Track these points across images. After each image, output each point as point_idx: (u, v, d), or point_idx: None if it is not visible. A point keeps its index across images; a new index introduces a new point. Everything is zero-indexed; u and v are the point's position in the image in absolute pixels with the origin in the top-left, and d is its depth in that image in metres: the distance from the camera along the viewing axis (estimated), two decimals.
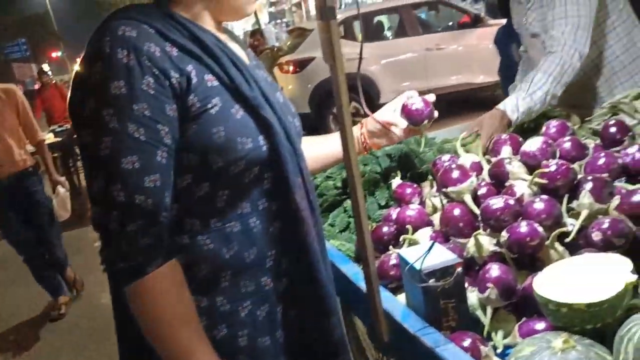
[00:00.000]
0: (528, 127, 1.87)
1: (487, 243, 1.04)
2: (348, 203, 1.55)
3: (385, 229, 1.24)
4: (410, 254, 1.00)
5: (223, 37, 1.03)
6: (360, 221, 0.93)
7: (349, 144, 0.90)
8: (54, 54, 43.45)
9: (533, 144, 1.15)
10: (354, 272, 1.19)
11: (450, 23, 7.68)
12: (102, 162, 0.86)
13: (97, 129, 0.87)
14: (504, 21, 7.03)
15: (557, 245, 1.01)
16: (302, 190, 1.00)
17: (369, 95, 6.95)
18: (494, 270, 0.97)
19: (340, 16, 7.49)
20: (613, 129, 1.25)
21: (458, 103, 7.18)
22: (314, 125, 6.60)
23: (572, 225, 1.04)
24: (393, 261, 1.12)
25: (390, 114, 1.35)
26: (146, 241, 0.86)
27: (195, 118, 0.90)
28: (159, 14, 0.94)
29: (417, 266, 0.94)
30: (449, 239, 1.14)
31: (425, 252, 0.95)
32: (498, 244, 1.04)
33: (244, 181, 0.95)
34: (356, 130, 1.35)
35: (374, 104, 7.00)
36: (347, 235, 1.47)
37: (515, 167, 1.15)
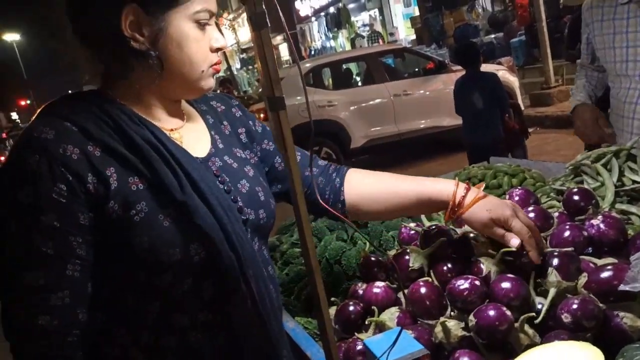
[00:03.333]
0: (492, 185, 1.87)
1: (455, 328, 0.99)
2: None
3: (351, 307, 1.18)
4: (376, 343, 0.94)
5: (174, 123, 0.97)
6: (321, 310, 0.88)
7: (303, 222, 0.85)
8: (22, 102, 43.01)
9: None
10: (319, 356, 1.13)
11: (416, 69, 7.88)
12: (5, 277, 0.81)
13: (2, 240, 0.81)
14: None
15: (526, 328, 0.97)
16: (248, 301, 0.93)
17: (340, 141, 7.01)
18: (464, 359, 0.93)
19: (309, 64, 7.63)
20: (576, 197, 1.24)
21: (426, 146, 7.30)
22: None
23: (540, 304, 1.01)
24: (359, 347, 1.06)
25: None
26: None
27: (116, 226, 0.83)
28: (90, 107, 0.88)
29: (380, 357, 0.88)
30: (416, 320, 1.09)
31: (390, 345, 0.89)
32: (466, 327, 1.00)
33: (177, 293, 0.88)
34: (452, 186, 1.08)
35: (346, 150, 7.06)
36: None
37: (481, 242, 1.12)
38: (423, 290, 1.09)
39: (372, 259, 1.28)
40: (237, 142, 1.07)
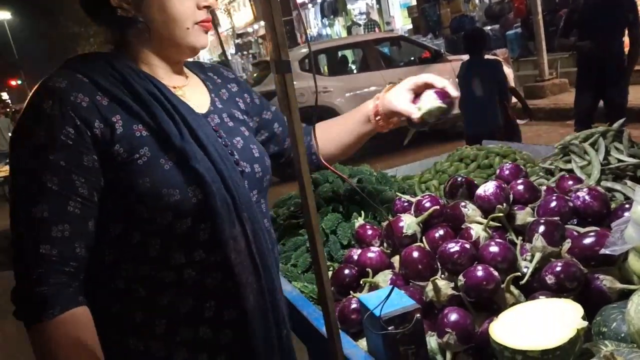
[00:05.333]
0: (484, 165, 1.93)
1: (445, 287, 1.05)
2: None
3: (346, 271, 1.23)
4: (370, 299, 1.00)
5: (177, 81, 1.04)
6: (319, 268, 0.93)
7: (307, 195, 0.90)
8: (13, 82, 42.46)
9: (487, 188, 1.18)
10: (315, 316, 1.19)
11: (412, 58, 7.90)
12: (17, 208, 0.90)
13: (16, 175, 0.90)
14: (464, 57, 7.36)
15: (512, 288, 1.03)
16: (242, 242, 0.98)
17: None
18: (452, 315, 0.98)
19: (303, 50, 7.63)
20: (570, 182, 1.30)
21: (420, 133, 7.33)
22: None
23: (526, 268, 1.07)
24: (354, 305, 1.12)
25: (405, 103, 1.20)
26: (44, 290, 0.87)
27: (120, 168, 0.92)
28: (101, 63, 0.96)
29: (377, 313, 0.94)
30: (409, 282, 1.15)
31: (384, 299, 0.95)
32: (456, 287, 1.05)
33: (175, 232, 0.95)
34: (370, 104, 1.28)
35: None
36: (309, 276, 1.46)
37: (470, 210, 1.18)
38: (415, 254, 1.14)
39: (367, 227, 1.34)
40: (235, 106, 1.14)
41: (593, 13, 4.27)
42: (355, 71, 7.87)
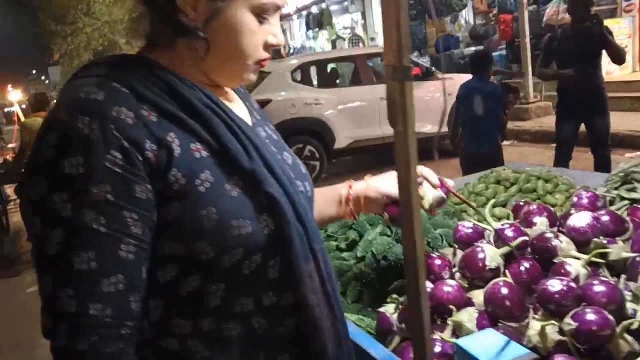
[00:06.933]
0: (526, 189, 1.84)
1: (552, 332, 0.94)
2: (357, 267, 1.42)
3: None
4: (471, 345, 0.87)
5: (219, 93, 0.87)
6: (421, 314, 0.80)
7: (414, 223, 0.78)
8: None
9: (582, 219, 1.08)
10: (383, 355, 1.05)
11: None
12: (51, 261, 0.69)
13: (46, 219, 0.69)
14: (453, 76, 7.39)
15: (625, 334, 0.92)
16: (316, 279, 0.84)
17: (325, 140, 6.93)
18: None
19: (296, 61, 7.53)
20: None
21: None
22: None
23: (632, 310, 0.96)
24: (438, 349, 0.99)
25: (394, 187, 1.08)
26: None
27: (178, 198, 0.73)
28: (137, 67, 0.77)
29: None
30: (497, 321, 1.03)
31: (499, 349, 0.82)
32: (560, 332, 0.94)
33: (244, 272, 0.78)
34: (342, 189, 1.13)
35: (329, 149, 7.00)
36: (359, 306, 1.33)
37: (564, 244, 1.07)
38: (504, 290, 1.02)
39: (434, 256, 1.21)
40: (265, 118, 0.99)
41: (569, 42, 4.29)
42: (346, 85, 7.80)
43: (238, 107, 0.90)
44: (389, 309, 1.22)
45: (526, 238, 1.09)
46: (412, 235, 0.78)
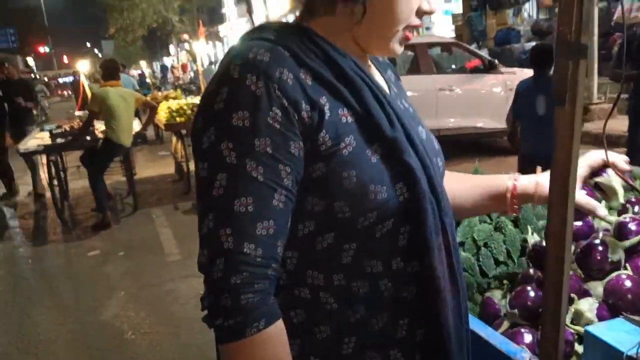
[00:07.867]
0: None
1: None
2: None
3: (531, 293, 1.11)
4: (604, 332, 0.88)
5: (365, 62, 0.90)
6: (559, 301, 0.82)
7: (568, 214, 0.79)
8: (41, 49, 42.79)
9: None
10: (500, 341, 1.06)
11: (453, 66, 7.69)
12: (214, 201, 0.75)
13: (213, 164, 0.76)
14: (516, 70, 7.18)
15: None
16: (443, 252, 0.86)
17: None
18: None
19: None
20: None
21: (460, 146, 7.18)
22: None
23: None
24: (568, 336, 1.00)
25: (584, 196, 1.03)
26: (250, 298, 0.73)
27: (324, 158, 0.78)
28: (296, 34, 0.82)
29: (630, 353, 0.82)
30: (617, 313, 1.03)
31: (634, 339, 0.83)
32: None
33: (375, 235, 0.82)
34: (507, 182, 1.05)
35: None
36: None
37: None
38: (628, 283, 1.02)
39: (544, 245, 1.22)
40: (402, 90, 1.01)
41: None
42: (404, 73, 7.73)
43: (377, 78, 0.93)
44: (496, 294, 1.23)
45: None
46: (562, 211, 0.79)
